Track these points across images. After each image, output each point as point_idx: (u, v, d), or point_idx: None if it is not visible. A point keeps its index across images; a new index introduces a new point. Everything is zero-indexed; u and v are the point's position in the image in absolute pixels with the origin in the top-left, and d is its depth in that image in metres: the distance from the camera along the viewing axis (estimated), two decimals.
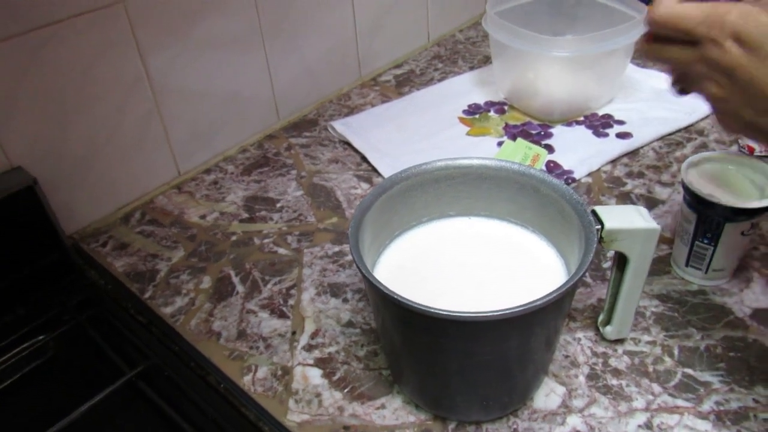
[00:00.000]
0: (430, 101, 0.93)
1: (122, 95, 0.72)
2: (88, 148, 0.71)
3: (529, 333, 0.44)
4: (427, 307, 0.40)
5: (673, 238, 0.63)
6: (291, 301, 0.62)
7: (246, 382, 0.55)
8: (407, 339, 0.47)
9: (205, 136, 0.83)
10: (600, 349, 0.55)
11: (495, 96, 0.93)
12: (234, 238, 0.71)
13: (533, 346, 0.45)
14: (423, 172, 0.53)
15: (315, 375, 0.55)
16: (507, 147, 0.75)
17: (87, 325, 0.61)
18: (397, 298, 0.41)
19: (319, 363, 0.56)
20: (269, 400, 0.53)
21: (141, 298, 0.64)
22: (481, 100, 0.93)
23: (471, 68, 1.02)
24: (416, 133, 0.86)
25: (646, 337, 0.56)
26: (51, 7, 0.62)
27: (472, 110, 0.90)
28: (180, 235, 0.72)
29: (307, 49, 0.91)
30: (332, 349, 0.57)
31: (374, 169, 0.80)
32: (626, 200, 0.72)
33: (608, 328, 0.54)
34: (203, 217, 0.75)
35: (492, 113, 0.90)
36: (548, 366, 0.52)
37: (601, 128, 0.84)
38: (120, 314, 0.63)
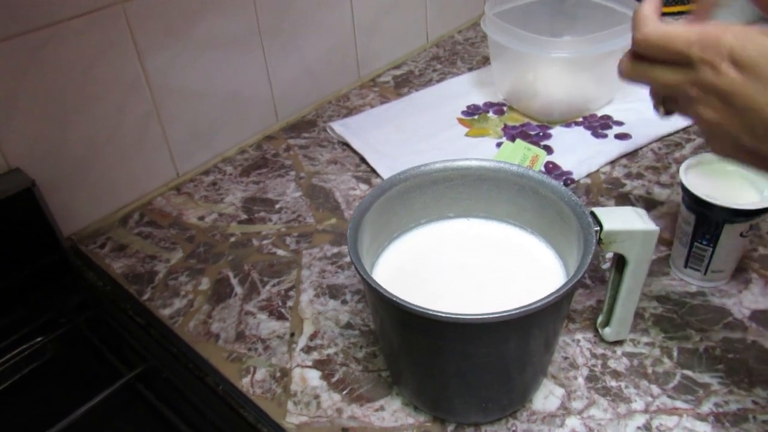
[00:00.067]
0: (429, 102, 0.93)
1: (121, 96, 0.72)
2: (87, 150, 0.71)
3: (528, 335, 0.44)
4: (425, 309, 0.40)
5: (672, 240, 0.63)
6: (290, 303, 0.62)
7: (244, 383, 0.55)
8: (406, 341, 0.47)
9: (204, 137, 0.83)
10: (599, 350, 0.55)
11: (494, 97, 0.93)
12: (233, 239, 0.71)
13: (532, 348, 0.45)
14: (422, 174, 0.53)
15: (314, 377, 0.55)
16: (506, 148, 0.75)
17: (85, 326, 0.61)
18: (396, 300, 0.41)
19: (318, 365, 0.56)
20: (268, 402, 0.53)
21: (139, 300, 0.64)
22: (480, 101, 0.93)
23: (470, 69, 1.02)
24: (415, 134, 0.86)
25: (645, 339, 0.56)
26: (50, 8, 0.62)
27: (471, 111, 0.90)
28: (178, 237, 0.72)
29: (306, 50, 0.91)
30: (331, 350, 0.57)
31: (373, 170, 0.80)
32: (625, 201, 0.72)
33: (607, 329, 0.54)
34: (202, 218, 0.75)
35: (491, 114, 0.90)
36: (547, 368, 0.52)
37: (600, 129, 0.84)
38: (118, 316, 0.63)
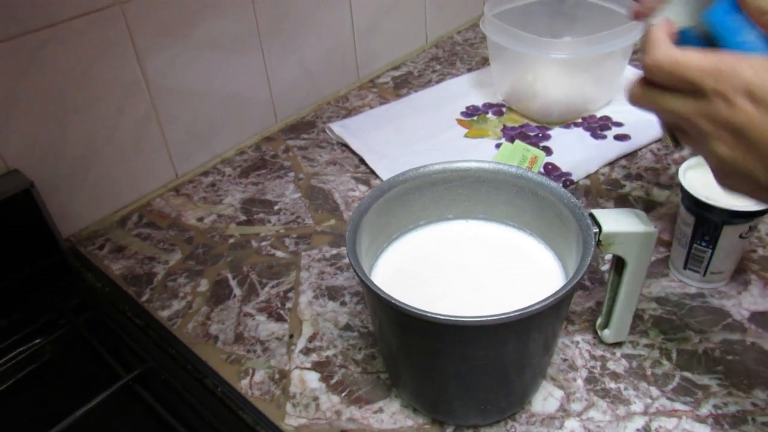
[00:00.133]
0: (428, 103, 0.93)
1: (120, 97, 0.71)
2: (86, 151, 0.71)
3: (527, 337, 0.44)
4: (424, 311, 0.40)
5: (671, 241, 0.63)
6: (288, 305, 0.62)
7: (243, 385, 0.55)
8: (405, 343, 0.46)
9: (203, 137, 0.83)
10: (598, 352, 0.55)
11: (493, 98, 0.93)
12: (231, 240, 0.71)
13: (531, 350, 0.45)
14: (421, 175, 0.53)
15: (312, 379, 0.55)
16: (505, 149, 0.75)
17: (84, 328, 0.61)
18: (394, 302, 0.41)
19: (317, 366, 0.56)
20: (266, 403, 0.53)
21: (138, 302, 0.64)
22: (479, 101, 0.92)
23: (469, 70, 1.02)
24: (414, 134, 0.86)
25: (644, 341, 0.55)
26: (50, 9, 0.62)
27: (470, 112, 0.90)
28: (177, 238, 0.72)
29: (305, 51, 0.91)
30: (330, 352, 0.57)
31: (372, 171, 0.80)
32: (624, 202, 0.72)
33: (606, 331, 0.54)
34: (201, 219, 0.75)
35: (490, 115, 0.90)
36: (546, 369, 0.52)
37: (599, 130, 0.84)
38: (117, 317, 0.63)
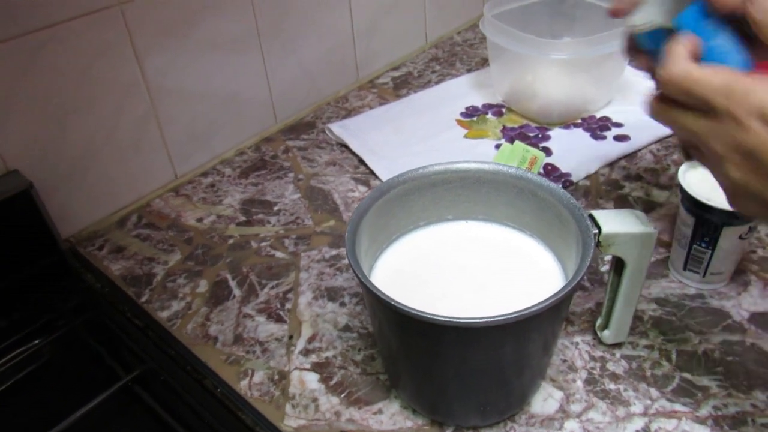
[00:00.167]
0: (428, 103, 0.93)
1: (119, 98, 0.71)
2: (85, 151, 0.71)
3: (526, 338, 0.44)
4: (423, 312, 0.40)
5: (670, 242, 0.63)
6: (288, 305, 0.62)
7: (243, 386, 0.55)
8: (404, 344, 0.46)
9: (202, 138, 0.83)
10: (598, 353, 0.55)
11: (493, 98, 0.93)
12: (231, 241, 0.71)
13: (530, 351, 0.45)
14: (420, 176, 0.53)
15: (312, 380, 0.55)
16: (505, 150, 0.75)
17: (83, 329, 0.61)
18: (394, 303, 0.41)
19: (316, 367, 0.56)
20: (266, 404, 0.53)
21: (137, 302, 0.64)
22: (478, 102, 0.92)
23: (469, 70, 1.02)
24: (414, 135, 0.86)
25: (643, 341, 0.55)
26: (49, 9, 0.62)
27: (470, 113, 0.90)
28: (177, 239, 0.72)
29: (305, 52, 0.91)
30: (329, 353, 0.57)
31: (372, 172, 0.80)
32: (624, 203, 0.72)
33: (606, 332, 0.54)
34: (200, 220, 0.75)
35: (490, 116, 0.90)
36: (546, 371, 0.52)
37: (598, 131, 0.84)
38: (116, 318, 0.63)
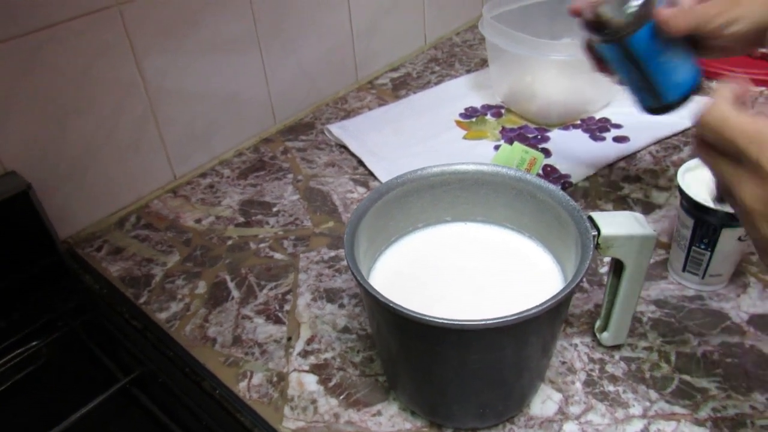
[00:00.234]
0: (427, 104, 0.93)
1: (118, 98, 0.71)
2: (83, 152, 0.71)
3: (525, 340, 0.43)
4: (422, 315, 0.40)
5: (670, 243, 0.63)
6: (287, 307, 0.62)
7: (241, 388, 0.54)
8: (403, 346, 0.46)
9: (201, 139, 0.83)
10: (597, 355, 0.55)
11: (492, 99, 0.93)
12: (230, 242, 0.71)
13: (529, 353, 0.45)
14: (419, 178, 0.53)
15: (311, 381, 0.55)
16: (504, 151, 0.75)
17: (81, 330, 0.61)
18: (392, 305, 0.41)
19: (315, 369, 0.56)
20: (265, 406, 0.53)
21: (136, 304, 0.64)
22: (478, 103, 0.92)
23: (468, 71, 1.02)
24: (413, 136, 0.86)
25: (642, 343, 0.55)
26: (48, 9, 0.62)
27: (469, 114, 0.90)
28: (175, 240, 0.72)
29: (304, 52, 0.91)
30: (328, 355, 0.57)
31: (371, 173, 0.80)
32: (623, 205, 0.71)
33: (605, 334, 0.54)
34: (199, 221, 0.75)
35: (489, 117, 0.90)
36: (545, 372, 0.52)
37: (597, 132, 0.83)
38: (114, 319, 0.63)
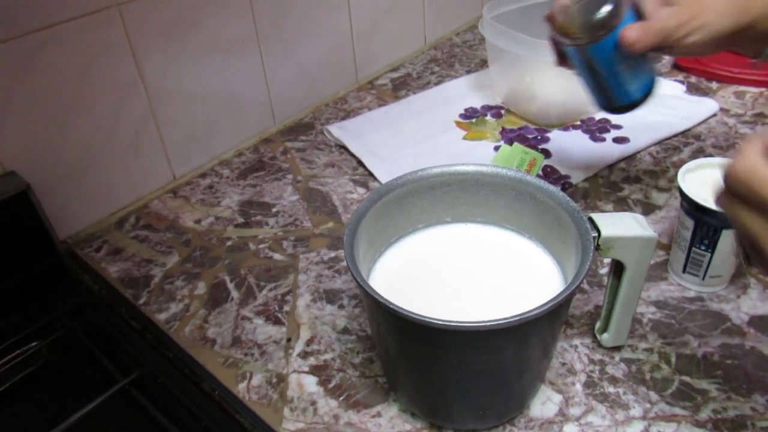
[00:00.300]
0: (427, 105, 0.93)
1: (117, 99, 0.71)
2: (83, 153, 0.70)
3: (526, 342, 0.43)
4: (422, 316, 0.40)
5: (670, 244, 0.63)
6: (286, 308, 0.62)
7: (241, 389, 0.54)
8: (403, 347, 0.46)
9: (201, 139, 0.83)
10: (597, 356, 0.55)
11: (492, 100, 0.93)
12: (229, 243, 0.71)
13: (530, 354, 0.45)
14: (419, 179, 0.53)
15: (310, 382, 0.54)
16: (503, 151, 0.75)
17: (80, 331, 0.61)
18: (392, 306, 0.41)
19: (315, 370, 0.56)
20: (264, 407, 0.53)
21: (135, 304, 0.64)
22: (477, 104, 0.92)
23: (468, 72, 1.02)
24: (413, 137, 0.86)
25: (643, 345, 0.55)
26: (48, 10, 0.62)
27: (469, 114, 0.90)
28: (175, 240, 0.72)
29: (304, 53, 0.91)
30: (328, 356, 0.57)
31: (370, 174, 0.80)
32: (623, 205, 0.71)
33: (605, 335, 0.54)
34: (198, 221, 0.75)
35: (489, 117, 0.89)
36: (545, 374, 0.52)
37: (597, 133, 0.83)
38: (114, 320, 0.62)
